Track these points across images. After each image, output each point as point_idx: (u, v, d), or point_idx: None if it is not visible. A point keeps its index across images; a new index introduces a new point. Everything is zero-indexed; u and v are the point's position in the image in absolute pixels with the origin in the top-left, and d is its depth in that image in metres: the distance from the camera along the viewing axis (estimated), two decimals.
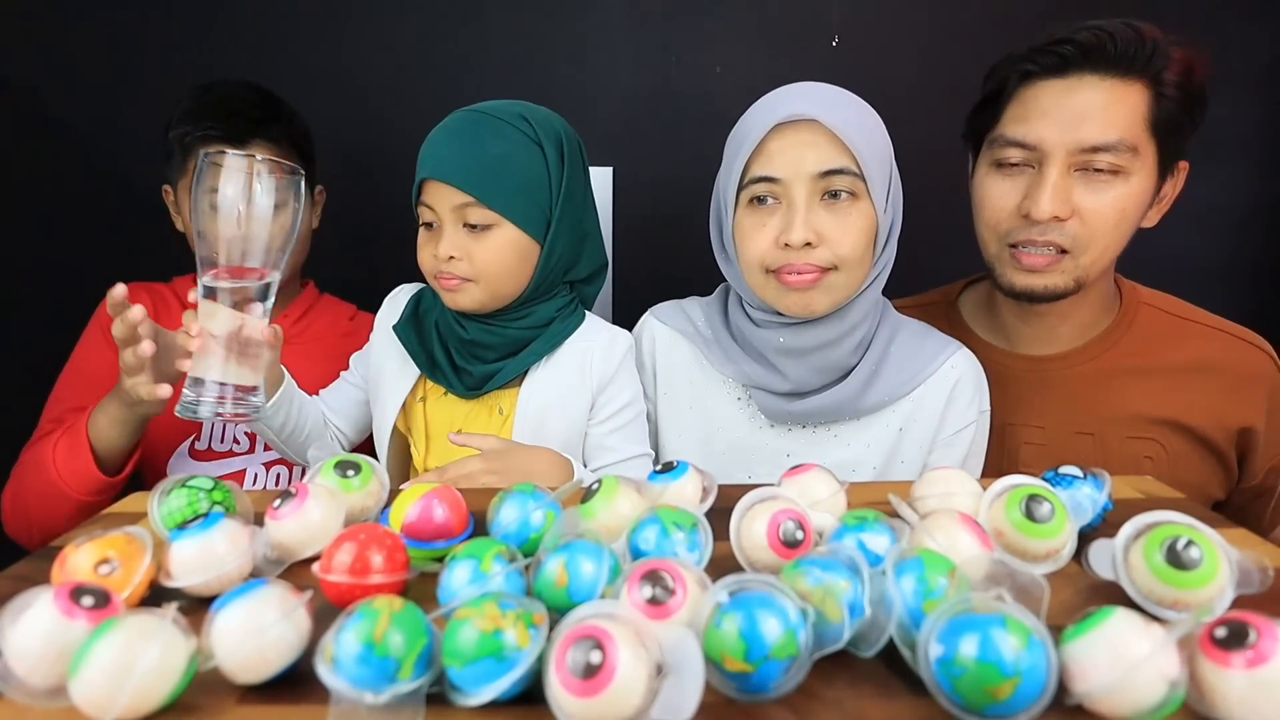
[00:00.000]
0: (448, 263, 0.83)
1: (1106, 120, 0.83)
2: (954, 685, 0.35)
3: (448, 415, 0.90)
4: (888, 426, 0.89)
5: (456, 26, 1.29)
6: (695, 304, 0.99)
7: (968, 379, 0.89)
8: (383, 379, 0.93)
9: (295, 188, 0.68)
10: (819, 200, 0.80)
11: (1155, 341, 0.94)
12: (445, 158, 0.82)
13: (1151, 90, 0.83)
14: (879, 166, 0.80)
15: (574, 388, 0.88)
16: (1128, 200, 0.85)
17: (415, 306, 0.92)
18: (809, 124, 0.78)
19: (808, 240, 0.79)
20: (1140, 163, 0.84)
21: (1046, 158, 0.85)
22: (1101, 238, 0.86)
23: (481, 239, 0.83)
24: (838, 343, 0.85)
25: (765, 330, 0.87)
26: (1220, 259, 1.35)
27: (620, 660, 0.33)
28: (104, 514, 0.63)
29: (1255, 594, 0.43)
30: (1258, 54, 1.29)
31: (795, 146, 0.79)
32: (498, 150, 0.82)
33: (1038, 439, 0.96)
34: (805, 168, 0.78)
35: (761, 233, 0.82)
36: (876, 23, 1.28)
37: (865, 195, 0.80)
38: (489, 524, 0.52)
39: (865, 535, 0.46)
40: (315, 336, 1.14)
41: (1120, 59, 0.82)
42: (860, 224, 0.80)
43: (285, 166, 0.67)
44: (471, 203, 0.81)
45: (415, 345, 0.89)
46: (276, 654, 0.38)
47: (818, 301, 0.82)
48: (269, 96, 1.07)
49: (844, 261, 0.80)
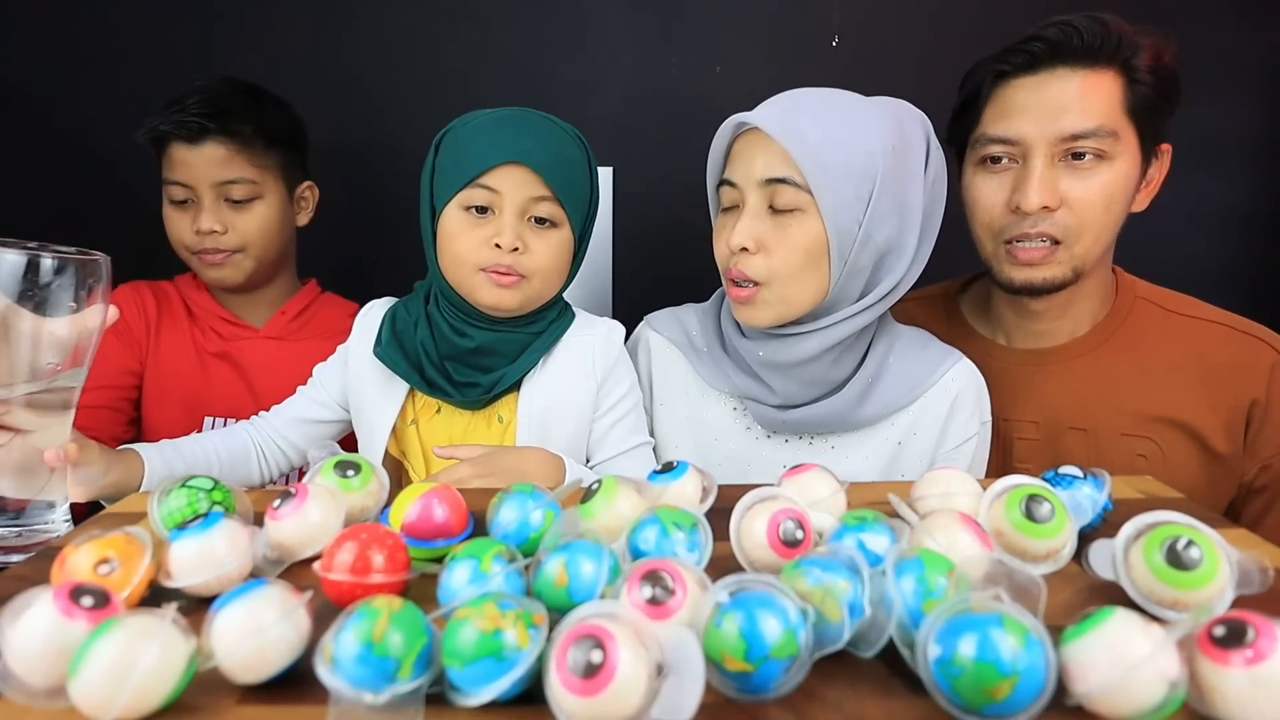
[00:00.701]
0: (510, 254, 0.79)
1: (1084, 108, 0.85)
2: (953, 685, 0.35)
3: (445, 432, 0.88)
4: (886, 439, 0.89)
5: (457, 26, 1.29)
6: (691, 312, 0.98)
7: (968, 392, 0.88)
8: (364, 405, 0.89)
9: (97, 275, 0.59)
10: (765, 209, 0.80)
11: (1150, 337, 0.94)
12: (532, 149, 0.79)
13: (1124, 76, 0.85)
14: (842, 180, 0.77)
15: (578, 382, 0.87)
16: (1114, 184, 0.86)
17: (392, 326, 0.87)
18: (764, 133, 0.79)
19: (744, 246, 0.80)
20: (1122, 146, 0.86)
21: (1030, 151, 0.87)
22: (1092, 224, 0.87)
23: (545, 236, 0.82)
24: (817, 359, 0.84)
25: (750, 342, 0.88)
26: (1220, 259, 1.35)
27: (621, 660, 0.33)
28: (104, 514, 0.63)
29: (1255, 594, 0.43)
30: (1258, 54, 1.29)
31: (748, 152, 0.81)
32: (571, 154, 0.82)
33: (1031, 434, 0.96)
34: (754, 173, 0.80)
35: (720, 236, 0.85)
36: (876, 23, 1.28)
37: (812, 209, 0.78)
38: (489, 524, 0.52)
39: (865, 535, 0.46)
40: (312, 335, 1.13)
41: (1088, 50, 0.85)
42: (799, 238, 0.78)
43: (77, 259, 0.57)
44: (548, 196, 0.80)
45: (405, 367, 0.84)
46: (276, 654, 0.38)
47: (757, 314, 0.83)
48: (242, 90, 1.05)
49: (774, 275, 0.80)
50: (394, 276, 0.98)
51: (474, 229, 0.80)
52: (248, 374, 1.11)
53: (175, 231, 1.06)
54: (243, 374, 1.11)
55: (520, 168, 0.79)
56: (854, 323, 0.83)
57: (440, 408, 0.88)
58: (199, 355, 1.10)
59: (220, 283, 1.08)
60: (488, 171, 0.79)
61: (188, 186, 1.03)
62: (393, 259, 1.18)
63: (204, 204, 1.03)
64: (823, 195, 0.77)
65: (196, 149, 1.01)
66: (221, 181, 1.03)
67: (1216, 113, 1.28)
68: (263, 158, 1.05)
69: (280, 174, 1.08)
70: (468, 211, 0.81)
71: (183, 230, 1.05)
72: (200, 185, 1.02)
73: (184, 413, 1.08)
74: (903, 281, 0.84)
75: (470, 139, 0.81)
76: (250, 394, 1.09)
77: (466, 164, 0.80)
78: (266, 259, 1.09)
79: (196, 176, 1.02)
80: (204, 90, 1.02)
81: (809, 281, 0.81)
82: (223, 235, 1.04)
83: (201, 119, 1.00)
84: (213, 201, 1.03)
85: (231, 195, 1.03)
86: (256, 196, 1.05)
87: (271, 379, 1.07)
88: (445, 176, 0.82)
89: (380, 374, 0.87)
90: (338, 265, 1.23)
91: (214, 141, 1.01)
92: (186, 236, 1.04)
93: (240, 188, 1.03)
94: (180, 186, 1.03)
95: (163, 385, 1.09)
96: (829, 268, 0.80)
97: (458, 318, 0.85)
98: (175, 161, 1.02)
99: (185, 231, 1.04)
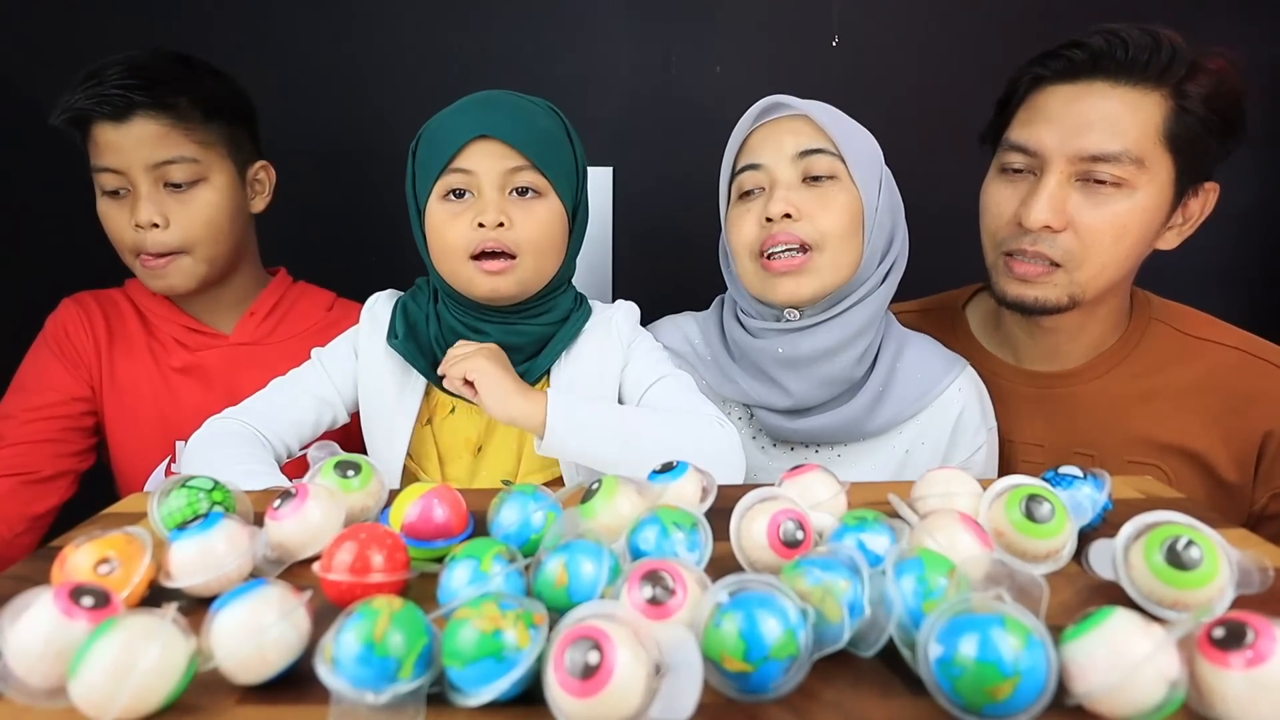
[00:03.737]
0: (495, 230, 0.77)
1: (1112, 129, 0.79)
2: (953, 685, 0.35)
3: (463, 430, 0.85)
4: (894, 449, 0.88)
5: (456, 25, 1.29)
6: (690, 320, 0.97)
7: (972, 405, 0.88)
8: (382, 403, 0.84)
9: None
10: (800, 182, 0.83)
11: (1161, 361, 0.90)
12: (498, 122, 0.77)
13: (1172, 102, 0.79)
14: (862, 156, 0.83)
15: (606, 358, 0.85)
16: (1130, 216, 0.81)
17: (405, 318, 0.84)
18: (787, 117, 0.84)
19: (787, 212, 0.80)
20: (1148, 177, 0.80)
21: (1046, 164, 0.82)
22: (1098, 254, 0.82)
23: (529, 208, 0.79)
24: (838, 352, 0.83)
25: (763, 341, 0.86)
26: (1220, 259, 1.35)
27: (618, 660, 0.33)
28: (104, 514, 0.63)
29: (1255, 594, 0.43)
30: (1258, 54, 1.29)
31: (774, 135, 0.84)
32: (544, 124, 0.81)
33: (1036, 457, 0.93)
34: (784, 150, 0.82)
35: (747, 218, 0.85)
36: (876, 23, 1.28)
37: (846, 177, 0.82)
38: (489, 524, 0.52)
39: (865, 535, 0.46)
40: (289, 334, 1.04)
41: (1132, 65, 0.79)
42: (842, 200, 0.82)
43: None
44: (525, 165, 0.78)
45: (423, 363, 0.81)
46: (276, 654, 0.38)
47: (804, 285, 0.82)
48: (170, 59, 0.93)
49: (825, 237, 0.81)
50: (396, 274, 0.97)
51: (457, 215, 0.79)
52: (220, 388, 0.98)
53: (113, 229, 0.93)
54: (214, 389, 0.99)
55: (490, 141, 0.77)
56: (866, 308, 0.84)
57: (455, 406, 0.85)
58: (161, 372, 1.00)
59: (169, 291, 0.97)
60: (459, 153, 0.77)
61: (119, 173, 0.90)
62: (395, 256, 1.17)
63: (140, 191, 0.90)
64: (854, 163, 0.82)
65: (124, 127, 0.89)
66: (157, 163, 0.90)
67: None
68: (203, 132, 0.92)
69: (226, 151, 0.95)
70: (447, 199, 0.80)
71: (120, 226, 0.92)
72: (133, 169, 0.90)
73: (156, 434, 0.99)
74: (894, 269, 0.87)
75: (438, 129, 0.81)
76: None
77: (438, 152, 0.79)
78: (218, 256, 0.97)
79: (127, 160, 0.89)
80: (126, 60, 0.90)
81: (850, 248, 0.83)
82: (164, 232, 0.91)
83: (126, 91, 0.87)
84: (150, 188, 0.91)
85: (171, 178, 0.91)
86: (200, 178, 0.93)
87: (248, 392, 0.87)
88: (422, 172, 0.81)
89: (397, 369, 0.84)
90: (338, 265, 1.23)
91: (144, 116, 0.89)
92: (125, 233, 0.92)
93: (180, 168, 0.91)
94: (111, 173, 0.91)
95: (125, 408, 0.99)
96: (861, 240, 0.83)
97: (469, 315, 0.83)
98: (102, 145, 0.90)
99: (123, 227, 0.92)
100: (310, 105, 1.10)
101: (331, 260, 1.23)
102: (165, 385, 0.99)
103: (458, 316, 0.83)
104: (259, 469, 0.75)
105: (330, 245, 1.28)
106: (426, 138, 0.82)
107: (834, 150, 0.81)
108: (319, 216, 1.28)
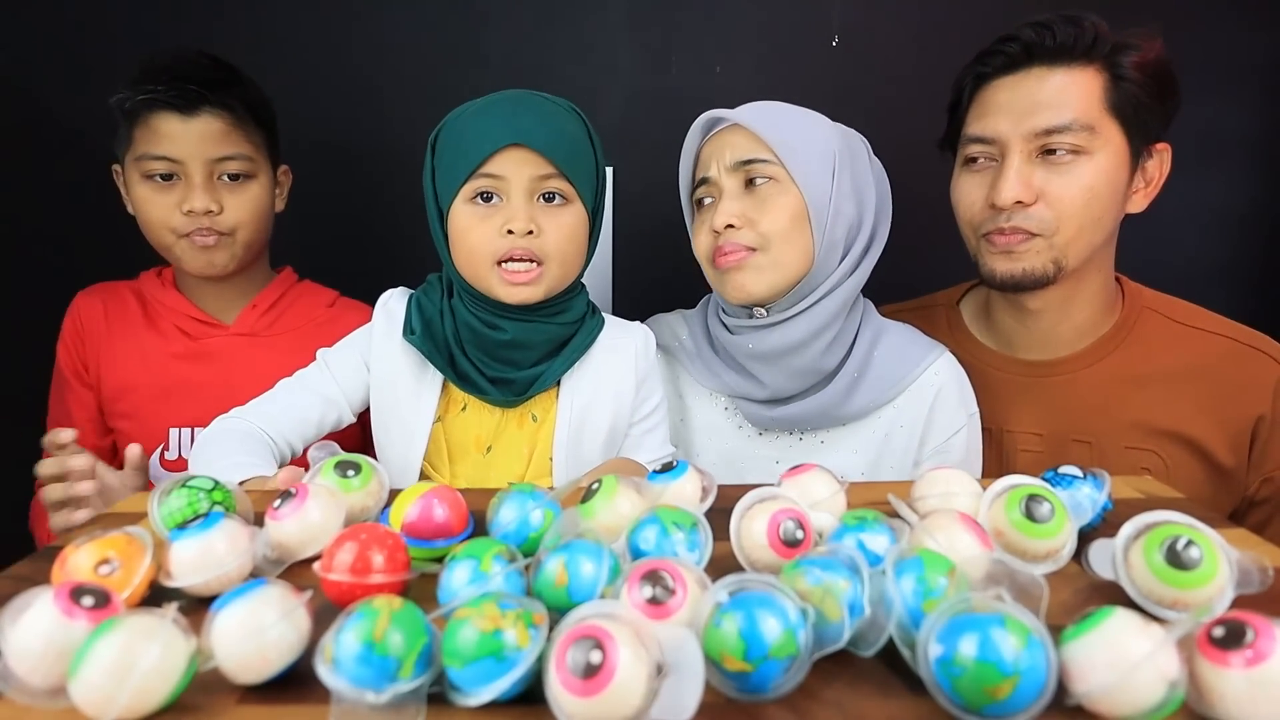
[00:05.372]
0: (524, 238, 0.77)
1: (1059, 103, 0.85)
2: (954, 685, 0.35)
3: (474, 429, 0.84)
4: (874, 433, 0.91)
5: (456, 25, 1.29)
6: (679, 316, 1.02)
7: (950, 385, 0.90)
8: (398, 400, 0.84)
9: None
10: (743, 189, 0.86)
11: (1155, 348, 0.93)
12: (531, 129, 0.77)
13: (1107, 73, 0.85)
14: (801, 153, 0.84)
15: (620, 381, 0.87)
16: (1094, 178, 0.85)
17: (420, 313, 0.84)
18: (727, 129, 0.87)
19: (729, 223, 0.85)
20: (1102, 141, 0.85)
21: (1006, 148, 0.87)
22: (1072, 218, 0.86)
23: (556, 215, 0.80)
24: (805, 345, 0.86)
25: (738, 336, 0.90)
26: (1220, 259, 1.35)
27: (620, 660, 0.33)
28: (104, 514, 0.63)
29: (1255, 594, 0.43)
30: (1258, 54, 1.29)
31: (718, 148, 0.87)
32: (572, 130, 0.81)
33: (1034, 446, 0.95)
34: (725, 162, 0.86)
35: (703, 229, 0.89)
36: (876, 23, 1.28)
37: (786, 178, 0.84)
38: (489, 524, 0.52)
39: (865, 535, 0.46)
40: (289, 328, 1.06)
41: (1062, 49, 0.85)
42: (781, 201, 0.84)
43: None
44: (554, 173, 0.78)
45: (440, 359, 0.81)
46: (276, 654, 0.38)
47: (750, 282, 0.86)
48: (222, 63, 0.99)
49: (766, 239, 0.84)
50: (399, 274, 0.97)
51: (485, 219, 0.79)
52: (216, 376, 1.01)
53: (157, 214, 0.96)
54: (210, 376, 1.02)
55: (521, 149, 0.77)
56: (834, 300, 0.86)
57: (466, 404, 0.84)
58: (159, 358, 1.02)
59: (208, 268, 0.99)
60: (489, 159, 0.77)
61: (175, 161, 0.94)
62: (400, 256, 1.17)
63: (195, 181, 0.95)
64: (793, 164, 0.84)
65: (189, 121, 0.94)
66: (218, 158, 0.96)
67: (1216, 113, 1.28)
68: (254, 133, 0.99)
69: (266, 153, 1.02)
70: (475, 203, 0.79)
71: (166, 211, 0.95)
72: (191, 161, 0.94)
73: (152, 420, 1.01)
74: (867, 256, 0.89)
75: (466, 130, 0.80)
76: (224, 399, 0.89)
77: (466, 155, 0.78)
78: (255, 244, 1.02)
79: (188, 151, 0.94)
80: (188, 57, 0.95)
81: (796, 244, 0.85)
82: (218, 215, 0.96)
83: (201, 88, 0.93)
84: (205, 179, 0.95)
85: (228, 171, 0.97)
86: (251, 175, 0.99)
87: (245, 380, 0.91)
88: (446, 173, 0.81)
89: (414, 365, 0.83)
90: (339, 264, 1.23)
91: (209, 113, 0.94)
92: (173, 218, 0.95)
93: (237, 164, 0.97)
94: (165, 161, 0.94)
95: (121, 392, 1.02)
96: (811, 235, 0.85)
97: (486, 311, 0.82)
98: (162, 134, 0.94)
99: (170, 212, 0.95)
100: (313, 107, 1.11)
101: (336, 260, 1.23)
102: (163, 370, 1.02)
103: (474, 313, 0.82)
104: (246, 460, 0.75)
105: (335, 245, 1.28)
106: (453, 138, 0.81)
107: (770, 155, 0.84)
108: (323, 217, 1.28)
